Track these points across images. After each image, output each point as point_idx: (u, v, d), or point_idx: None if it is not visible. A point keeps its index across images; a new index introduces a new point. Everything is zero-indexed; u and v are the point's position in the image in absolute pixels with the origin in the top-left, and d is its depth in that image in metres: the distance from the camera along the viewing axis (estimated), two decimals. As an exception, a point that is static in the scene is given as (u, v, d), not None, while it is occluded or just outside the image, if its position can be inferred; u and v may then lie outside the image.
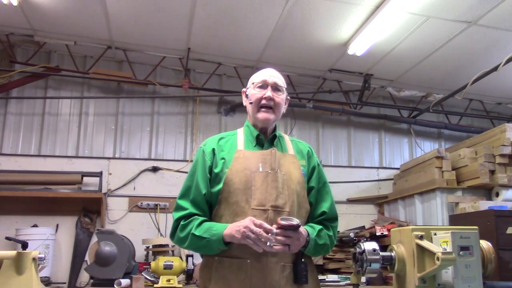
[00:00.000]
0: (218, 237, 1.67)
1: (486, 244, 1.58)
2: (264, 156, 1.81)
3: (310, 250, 1.76)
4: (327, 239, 1.83)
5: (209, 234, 1.69)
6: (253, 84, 1.89)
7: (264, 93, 1.85)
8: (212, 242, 1.68)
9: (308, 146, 2.00)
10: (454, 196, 3.87)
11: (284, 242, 1.62)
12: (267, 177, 1.75)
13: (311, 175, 1.91)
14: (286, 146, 1.92)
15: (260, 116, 1.85)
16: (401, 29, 3.70)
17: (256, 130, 1.89)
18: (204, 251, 1.79)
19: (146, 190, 4.23)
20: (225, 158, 1.81)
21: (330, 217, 1.89)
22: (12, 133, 4.13)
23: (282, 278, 1.70)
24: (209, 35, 3.98)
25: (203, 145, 1.90)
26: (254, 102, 1.86)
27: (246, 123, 1.95)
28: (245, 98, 1.94)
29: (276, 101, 1.85)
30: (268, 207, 1.72)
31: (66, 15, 3.69)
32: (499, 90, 4.93)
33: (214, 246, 1.70)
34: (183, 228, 1.75)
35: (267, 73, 1.91)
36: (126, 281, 3.29)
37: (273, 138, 1.90)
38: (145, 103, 4.48)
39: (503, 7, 3.36)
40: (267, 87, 1.86)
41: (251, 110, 1.89)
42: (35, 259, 2.37)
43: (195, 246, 1.75)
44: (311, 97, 4.82)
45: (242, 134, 1.91)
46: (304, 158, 1.92)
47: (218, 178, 1.77)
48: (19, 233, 3.61)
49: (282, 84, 1.90)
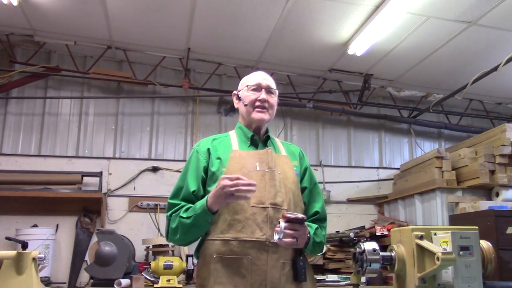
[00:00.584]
0: (202, 208, 1.68)
1: (486, 244, 1.58)
2: (260, 156, 1.84)
3: (309, 248, 1.79)
4: (322, 237, 1.87)
5: (194, 211, 1.70)
6: (247, 86, 1.93)
7: (259, 95, 1.90)
8: (199, 217, 1.68)
9: (299, 148, 2.06)
10: (454, 196, 3.87)
11: (292, 235, 1.62)
12: (264, 176, 1.78)
13: (303, 176, 1.96)
14: (278, 148, 1.97)
15: (255, 116, 1.89)
16: (401, 29, 3.70)
17: (249, 131, 1.93)
18: (196, 232, 1.76)
19: (146, 190, 4.23)
20: (221, 158, 1.83)
21: (322, 217, 1.95)
22: (12, 133, 4.13)
23: (282, 275, 1.71)
24: (209, 35, 3.98)
25: (197, 146, 1.93)
26: (249, 104, 1.90)
27: (238, 125, 1.99)
28: (236, 100, 1.99)
29: (271, 102, 1.91)
30: (267, 204, 1.74)
31: (66, 15, 3.69)
32: (499, 90, 4.93)
33: (202, 220, 1.70)
34: (174, 219, 1.77)
35: (260, 76, 1.96)
36: (126, 281, 3.29)
37: (267, 139, 1.95)
38: (145, 103, 4.48)
39: (503, 7, 3.36)
40: (261, 89, 1.91)
41: (245, 112, 1.92)
42: (35, 259, 2.37)
43: (186, 229, 1.73)
44: (311, 97, 4.82)
45: (235, 136, 1.95)
46: (296, 159, 1.97)
47: (215, 177, 1.79)
48: (19, 233, 3.61)
49: (275, 87, 1.97)
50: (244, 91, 1.94)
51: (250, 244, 1.70)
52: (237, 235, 1.71)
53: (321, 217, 1.93)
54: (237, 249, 1.70)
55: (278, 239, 1.60)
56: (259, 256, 1.69)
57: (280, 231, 1.60)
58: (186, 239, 1.78)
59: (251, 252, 1.69)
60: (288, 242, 1.62)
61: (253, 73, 2.00)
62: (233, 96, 2.02)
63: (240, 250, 1.70)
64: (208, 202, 1.67)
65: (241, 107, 1.95)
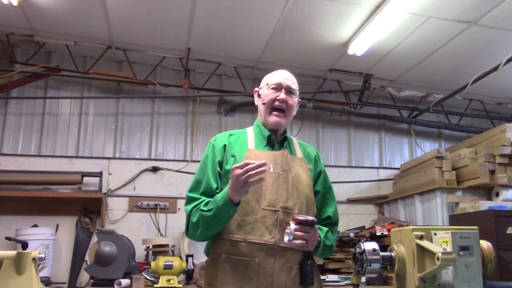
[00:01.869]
0: (224, 200, 1.64)
1: (486, 244, 1.58)
2: (275, 157, 1.82)
3: (319, 251, 1.78)
4: (332, 241, 1.86)
5: (215, 203, 1.67)
6: (267, 85, 1.90)
7: (278, 95, 1.86)
8: (220, 209, 1.65)
9: (315, 150, 2.03)
10: (454, 196, 3.87)
11: (302, 237, 1.61)
12: (278, 178, 1.77)
13: (317, 179, 1.94)
14: (295, 149, 1.94)
15: (271, 119, 1.87)
16: (401, 29, 3.70)
17: (267, 130, 1.91)
18: (217, 226, 1.72)
19: (146, 190, 4.23)
20: (235, 156, 1.81)
21: (334, 221, 1.93)
22: (12, 133, 4.12)
23: (288, 279, 1.71)
24: (209, 35, 3.98)
25: (213, 140, 1.91)
26: (267, 103, 1.87)
27: (257, 123, 1.96)
28: (257, 97, 1.96)
29: (289, 103, 1.88)
30: (278, 208, 1.73)
31: (66, 15, 3.69)
32: (499, 90, 4.93)
33: (224, 213, 1.66)
34: (195, 213, 1.74)
35: (282, 75, 1.92)
36: (126, 281, 3.28)
37: (283, 140, 1.92)
38: (145, 103, 4.48)
39: (503, 7, 3.36)
40: (281, 89, 1.87)
41: (264, 111, 1.89)
42: (35, 259, 2.36)
43: (207, 223, 1.69)
44: (311, 97, 4.82)
45: (252, 133, 1.92)
46: (311, 162, 1.95)
47: (228, 175, 1.76)
48: (19, 233, 3.60)
49: (296, 87, 1.92)
50: (265, 89, 1.91)
51: (258, 247, 1.69)
52: (246, 236, 1.71)
53: (333, 222, 1.92)
54: (245, 250, 1.70)
55: (288, 240, 1.60)
56: (267, 259, 1.69)
57: (290, 233, 1.59)
58: (207, 233, 1.74)
59: (259, 254, 1.69)
60: (298, 244, 1.61)
61: (276, 71, 1.96)
62: (254, 93, 1.98)
63: (248, 251, 1.70)
64: (229, 194, 1.63)
65: (260, 105, 1.92)
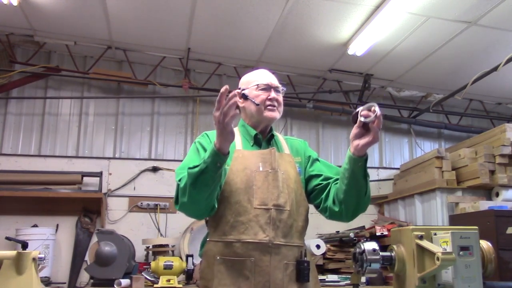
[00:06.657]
0: (211, 151, 1.57)
1: (486, 244, 1.58)
2: (264, 156, 1.83)
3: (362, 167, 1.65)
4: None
5: (202, 158, 1.61)
6: (257, 85, 1.90)
7: (269, 94, 1.88)
8: (207, 161, 1.56)
9: (301, 140, 2.04)
10: (454, 196, 3.87)
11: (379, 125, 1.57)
12: (267, 177, 1.77)
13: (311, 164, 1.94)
14: (282, 146, 1.95)
15: (268, 114, 1.87)
16: (401, 29, 3.70)
17: (254, 129, 1.91)
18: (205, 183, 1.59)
19: (146, 190, 4.23)
20: None
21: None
22: (12, 133, 4.12)
23: (285, 276, 1.71)
24: (209, 35, 3.98)
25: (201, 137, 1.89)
26: (260, 103, 1.86)
27: (241, 123, 1.97)
28: (241, 99, 1.89)
29: (279, 101, 1.92)
30: (270, 206, 1.73)
31: (66, 15, 3.69)
32: (499, 90, 4.93)
33: (212, 164, 1.56)
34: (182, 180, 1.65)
35: (268, 76, 1.95)
36: (126, 281, 3.28)
37: (270, 137, 1.94)
38: (145, 103, 4.48)
39: (503, 7, 3.36)
40: (270, 89, 1.90)
41: (256, 111, 1.88)
42: (35, 259, 2.36)
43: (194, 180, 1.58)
44: (311, 97, 4.82)
45: (238, 134, 1.92)
46: (299, 154, 1.95)
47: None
48: (19, 233, 3.60)
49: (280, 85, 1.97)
50: (253, 90, 1.90)
51: (253, 246, 1.69)
52: (240, 236, 1.70)
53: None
54: (240, 250, 1.70)
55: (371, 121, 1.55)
56: (262, 257, 1.69)
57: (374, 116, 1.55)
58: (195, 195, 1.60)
59: (254, 253, 1.69)
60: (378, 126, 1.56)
61: (258, 72, 1.98)
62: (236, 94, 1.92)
63: (243, 251, 1.70)
64: (216, 144, 1.57)
65: (249, 106, 1.89)
